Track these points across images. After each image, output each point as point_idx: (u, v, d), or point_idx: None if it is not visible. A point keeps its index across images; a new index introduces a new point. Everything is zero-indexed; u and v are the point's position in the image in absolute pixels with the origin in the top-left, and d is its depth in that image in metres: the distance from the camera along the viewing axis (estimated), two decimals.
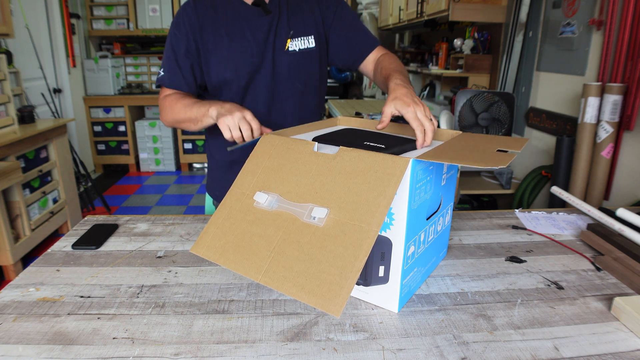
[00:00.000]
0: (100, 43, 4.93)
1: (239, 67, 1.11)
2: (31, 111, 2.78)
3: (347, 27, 1.20)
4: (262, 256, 0.68)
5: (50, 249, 0.98)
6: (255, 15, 1.11)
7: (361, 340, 0.68)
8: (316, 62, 1.19)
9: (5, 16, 2.51)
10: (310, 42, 1.16)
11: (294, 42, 1.14)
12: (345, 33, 1.20)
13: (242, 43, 1.10)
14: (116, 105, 4.58)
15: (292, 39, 1.13)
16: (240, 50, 1.10)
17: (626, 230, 0.97)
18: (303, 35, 1.15)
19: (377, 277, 0.75)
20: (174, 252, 0.96)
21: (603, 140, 1.77)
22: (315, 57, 1.18)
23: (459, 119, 2.22)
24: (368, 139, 0.87)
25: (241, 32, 1.11)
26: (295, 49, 1.14)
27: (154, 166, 4.79)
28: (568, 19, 2.06)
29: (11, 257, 2.38)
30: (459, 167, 0.80)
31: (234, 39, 1.10)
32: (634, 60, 1.66)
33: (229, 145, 0.97)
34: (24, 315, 0.73)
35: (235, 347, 0.66)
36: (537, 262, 0.93)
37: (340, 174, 0.71)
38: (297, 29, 1.14)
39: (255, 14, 1.11)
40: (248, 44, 1.11)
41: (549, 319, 0.73)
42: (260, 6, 1.11)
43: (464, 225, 1.12)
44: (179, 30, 1.10)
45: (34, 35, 3.53)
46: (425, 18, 3.00)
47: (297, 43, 1.14)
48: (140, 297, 0.79)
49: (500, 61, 2.61)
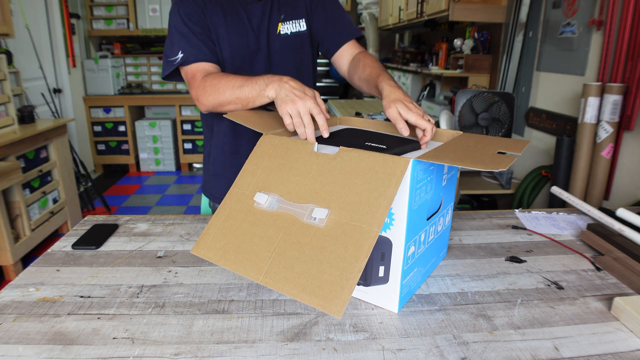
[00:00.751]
0: (100, 43, 4.93)
1: (234, 47, 1.12)
2: (31, 111, 2.78)
3: (327, 13, 1.21)
4: (262, 257, 0.68)
5: (50, 249, 0.98)
6: (250, 2, 1.13)
7: (361, 340, 0.68)
8: (308, 45, 1.21)
9: (5, 16, 2.51)
10: (301, 25, 1.18)
11: (285, 26, 1.16)
12: (324, 18, 1.21)
13: (239, 26, 1.12)
14: (116, 105, 4.58)
15: (283, 22, 1.15)
16: (236, 33, 1.11)
17: (626, 230, 0.97)
18: (294, 18, 1.17)
19: (377, 277, 0.75)
20: (174, 252, 0.96)
21: (603, 140, 1.77)
22: (306, 39, 1.20)
23: (459, 119, 2.22)
24: (369, 139, 0.87)
25: (237, 15, 1.12)
26: (287, 32, 1.16)
27: (154, 166, 4.80)
28: (568, 19, 2.06)
29: (11, 257, 2.38)
30: (459, 167, 0.80)
31: (229, 19, 1.11)
32: (634, 60, 1.66)
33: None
34: (24, 315, 0.73)
35: (235, 347, 0.66)
36: (537, 262, 0.93)
37: (340, 175, 0.71)
38: (288, 13, 1.16)
39: (249, 0, 1.13)
40: (243, 26, 1.12)
41: (549, 319, 0.73)
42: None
43: (464, 225, 1.12)
44: (187, 7, 1.08)
45: (34, 35, 3.53)
46: (425, 18, 3.00)
47: (288, 26, 1.16)
48: (140, 297, 0.79)
49: (500, 61, 2.61)
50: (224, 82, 0.98)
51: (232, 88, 0.96)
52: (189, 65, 1.07)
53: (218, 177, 1.27)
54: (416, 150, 0.85)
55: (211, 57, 1.08)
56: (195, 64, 1.07)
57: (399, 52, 4.56)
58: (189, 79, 1.08)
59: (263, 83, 0.91)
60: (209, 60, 1.07)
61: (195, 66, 1.07)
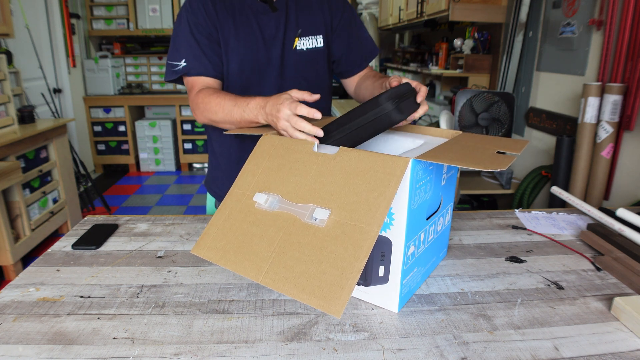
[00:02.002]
0: (100, 43, 4.93)
1: (244, 61, 1.09)
2: (31, 111, 2.78)
3: (350, 38, 1.18)
4: (262, 257, 0.68)
5: (50, 249, 0.98)
6: (263, 12, 1.10)
7: (361, 340, 0.68)
8: (324, 62, 1.18)
9: (5, 16, 2.51)
10: (318, 41, 1.14)
11: (302, 41, 1.12)
12: (346, 43, 1.18)
13: (250, 38, 1.09)
14: (116, 105, 4.57)
15: (300, 37, 1.12)
16: (246, 46, 1.09)
17: (626, 230, 0.97)
18: (311, 34, 1.13)
19: (377, 277, 0.75)
20: (174, 252, 0.96)
21: (603, 140, 1.77)
22: (323, 56, 1.16)
23: (459, 119, 2.22)
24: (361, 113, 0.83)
25: (249, 26, 1.09)
26: (303, 48, 1.13)
27: (154, 166, 4.79)
28: (568, 19, 2.06)
29: (11, 257, 2.38)
30: (458, 167, 0.80)
31: (241, 30, 1.08)
32: (634, 60, 1.66)
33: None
34: (24, 315, 0.73)
35: (235, 347, 0.66)
36: (537, 262, 0.93)
37: (340, 174, 0.71)
38: (306, 28, 1.12)
39: (263, 10, 1.10)
40: (255, 39, 1.09)
41: (549, 319, 0.73)
42: (267, 3, 1.09)
43: (464, 225, 1.12)
44: (196, 16, 1.06)
45: (34, 35, 3.53)
46: (425, 18, 3.00)
47: (304, 42, 1.13)
48: (140, 297, 0.79)
49: (500, 61, 2.61)
50: (214, 103, 0.98)
51: (222, 110, 0.96)
52: (190, 77, 1.08)
53: (222, 176, 1.26)
54: (412, 95, 0.84)
55: (213, 72, 1.07)
56: (196, 77, 1.07)
57: (399, 52, 4.56)
58: (188, 88, 1.10)
59: (254, 109, 0.91)
60: (210, 75, 1.07)
61: (194, 79, 1.08)
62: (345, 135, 0.82)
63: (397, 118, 0.80)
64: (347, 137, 0.82)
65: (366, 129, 0.81)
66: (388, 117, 0.80)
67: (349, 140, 0.82)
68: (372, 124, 0.81)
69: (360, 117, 0.80)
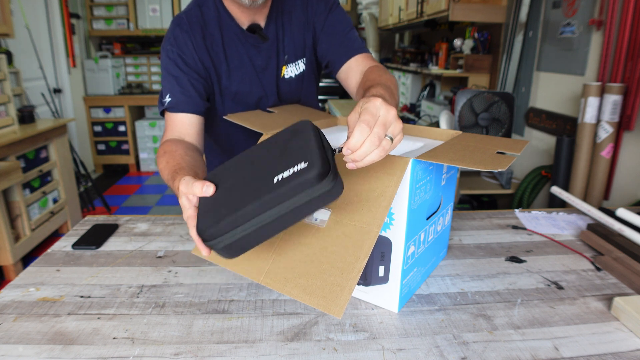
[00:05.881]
0: (100, 43, 4.93)
1: (238, 94, 1.07)
2: (31, 111, 2.78)
3: (330, 39, 1.11)
4: (263, 257, 0.68)
5: (50, 249, 0.98)
6: (253, 42, 1.05)
7: (361, 340, 0.68)
8: (311, 82, 1.18)
9: (5, 16, 2.51)
10: (300, 66, 1.13)
11: (289, 69, 1.11)
12: (327, 44, 1.12)
13: (241, 72, 1.05)
14: (116, 105, 4.58)
15: (287, 64, 1.10)
16: (238, 80, 1.06)
17: (626, 230, 0.98)
18: (295, 59, 1.11)
19: (377, 277, 0.75)
20: (174, 252, 0.96)
21: (603, 140, 1.77)
22: (307, 76, 1.16)
23: (459, 119, 2.22)
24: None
25: (239, 60, 1.05)
26: (292, 76, 1.12)
27: (154, 166, 4.79)
28: (568, 19, 2.06)
29: (11, 257, 2.38)
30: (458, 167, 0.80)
31: (232, 66, 1.04)
32: (634, 60, 1.66)
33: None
34: (24, 315, 0.73)
35: (235, 347, 0.66)
36: (537, 262, 0.93)
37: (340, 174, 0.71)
38: (291, 53, 1.10)
39: (253, 41, 1.04)
40: (247, 73, 1.06)
41: (549, 319, 0.73)
42: (256, 33, 1.04)
43: (464, 225, 1.12)
44: (180, 48, 0.99)
45: (34, 35, 3.53)
46: (425, 18, 3.00)
47: (291, 69, 1.12)
48: (140, 297, 0.79)
49: (500, 61, 2.61)
50: (161, 165, 0.89)
51: (163, 175, 0.88)
52: (172, 114, 1.01)
53: None
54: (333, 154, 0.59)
55: (196, 108, 1.00)
56: (177, 114, 1.00)
57: (399, 52, 4.56)
58: (165, 124, 1.03)
59: (175, 191, 0.76)
60: (193, 112, 1.00)
61: (174, 116, 1.00)
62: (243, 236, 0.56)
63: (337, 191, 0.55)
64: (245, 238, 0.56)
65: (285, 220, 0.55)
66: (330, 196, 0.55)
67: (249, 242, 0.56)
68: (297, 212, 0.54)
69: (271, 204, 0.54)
